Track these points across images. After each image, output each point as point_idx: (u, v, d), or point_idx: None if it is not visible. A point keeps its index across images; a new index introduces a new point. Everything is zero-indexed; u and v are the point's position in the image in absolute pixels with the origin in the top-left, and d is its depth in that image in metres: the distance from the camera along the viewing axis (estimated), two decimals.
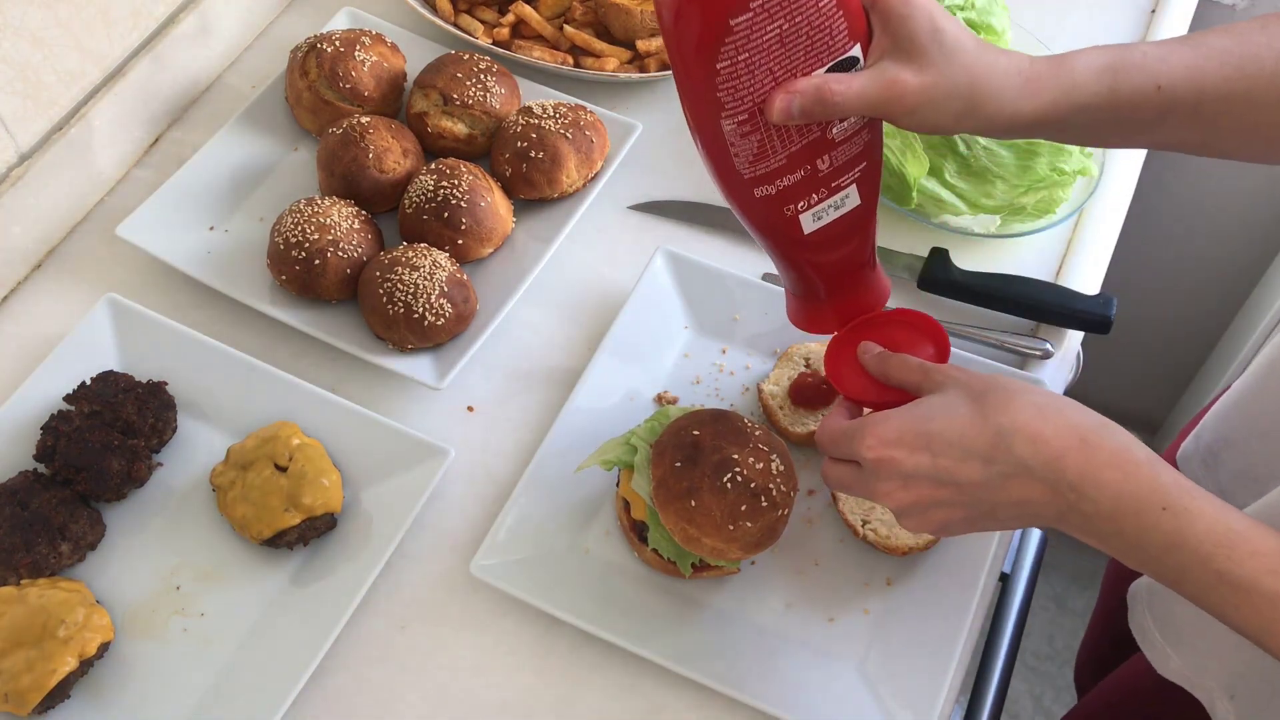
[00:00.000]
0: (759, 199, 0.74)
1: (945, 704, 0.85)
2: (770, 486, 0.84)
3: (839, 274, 0.80)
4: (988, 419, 0.68)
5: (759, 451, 0.85)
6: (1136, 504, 0.65)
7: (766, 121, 0.71)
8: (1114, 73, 0.73)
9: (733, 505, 0.83)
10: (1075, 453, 0.66)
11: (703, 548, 0.84)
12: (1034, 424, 0.67)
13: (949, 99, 0.71)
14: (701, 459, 0.84)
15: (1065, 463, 0.66)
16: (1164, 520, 0.64)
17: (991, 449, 0.68)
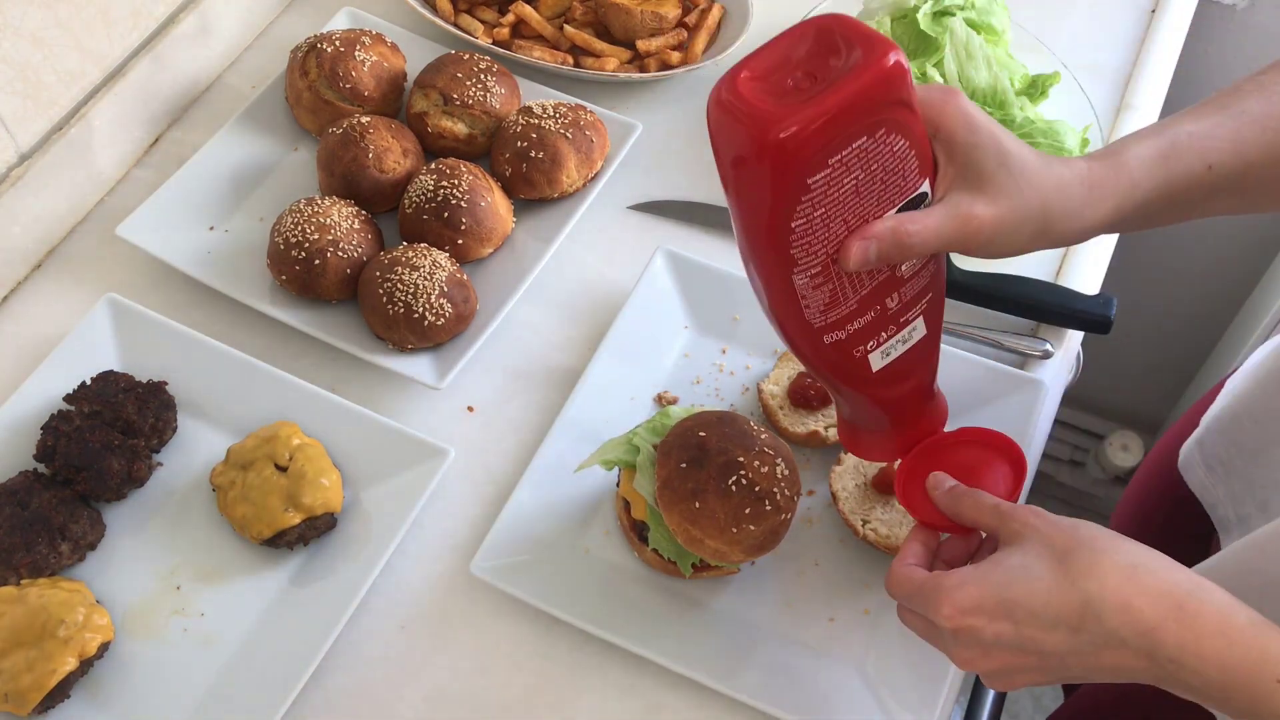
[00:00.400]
0: (829, 345, 0.72)
1: (945, 704, 0.85)
2: (775, 490, 0.84)
3: (904, 405, 0.79)
4: (1074, 584, 0.64)
5: (764, 455, 0.85)
6: (1246, 675, 0.61)
7: (839, 270, 0.68)
8: (1166, 161, 0.72)
9: (737, 508, 0.83)
10: (1173, 623, 0.62)
11: (705, 549, 0.84)
12: (1124, 591, 0.63)
13: (1023, 225, 0.70)
14: (707, 461, 0.84)
15: (1162, 634, 0.62)
16: (1276, 694, 0.61)
17: (1079, 619, 0.64)
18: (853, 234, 0.67)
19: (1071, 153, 1.13)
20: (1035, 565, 0.66)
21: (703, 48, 1.26)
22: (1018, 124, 1.13)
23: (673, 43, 1.26)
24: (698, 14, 1.29)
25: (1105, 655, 0.64)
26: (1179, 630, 0.62)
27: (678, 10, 1.27)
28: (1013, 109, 1.14)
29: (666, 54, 1.25)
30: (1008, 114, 1.14)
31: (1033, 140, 1.12)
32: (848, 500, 0.94)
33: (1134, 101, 1.27)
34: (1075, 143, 1.14)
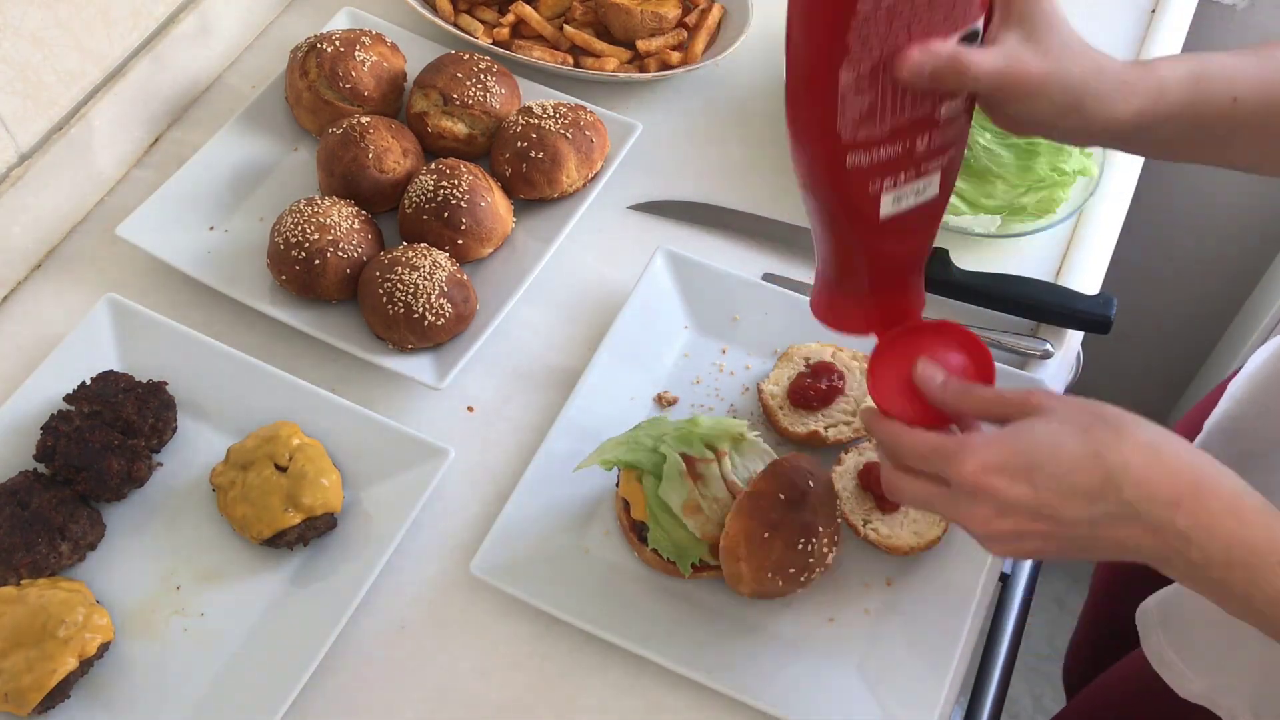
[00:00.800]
0: (849, 168, 0.69)
1: (945, 704, 0.85)
2: (816, 570, 0.87)
3: (893, 271, 0.76)
4: (1098, 456, 0.65)
5: (833, 538, 0.88)
6: (1249, 555, 0.63)
7: (886, 80, 0.66)
8: (1196, 82, 0.72)
9: (786, 564, 0.85)
10: (1189, 500, 0.64)
11: (731, 566, 0.86)
12: (1147, 467, 0.64)
13: (1061, 92, 0.70)
14: (800, 510, 0.85)
15: (1178, 510, 0.64)
16: (1276, 578, 0.62)
17: (1100, 489, 0.65)
18: (914, 43, 0.66)
19: (1070, 155, 1.13)
20: (1061, 434, 0.66)
21: (703, 48, 1.26)
22: None
23: (673, 43, 1.26)
24: (698, 14, 1.29)
25: (1117, 528, 0.65)
26: (1193, 507, 0.63)
27: (678, 10, 1.27)
28: None
29: (666, 54, 1.25)
30: None
31: (1032, 140, 1.12)
32: (848, 500, 0.94)
33: None
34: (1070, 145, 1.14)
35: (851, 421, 0.99)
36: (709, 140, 1.23)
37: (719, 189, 1.19)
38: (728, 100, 1.27)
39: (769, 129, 1.24)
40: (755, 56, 1.28)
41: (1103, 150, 1.19)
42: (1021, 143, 1.12)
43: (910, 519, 0.93)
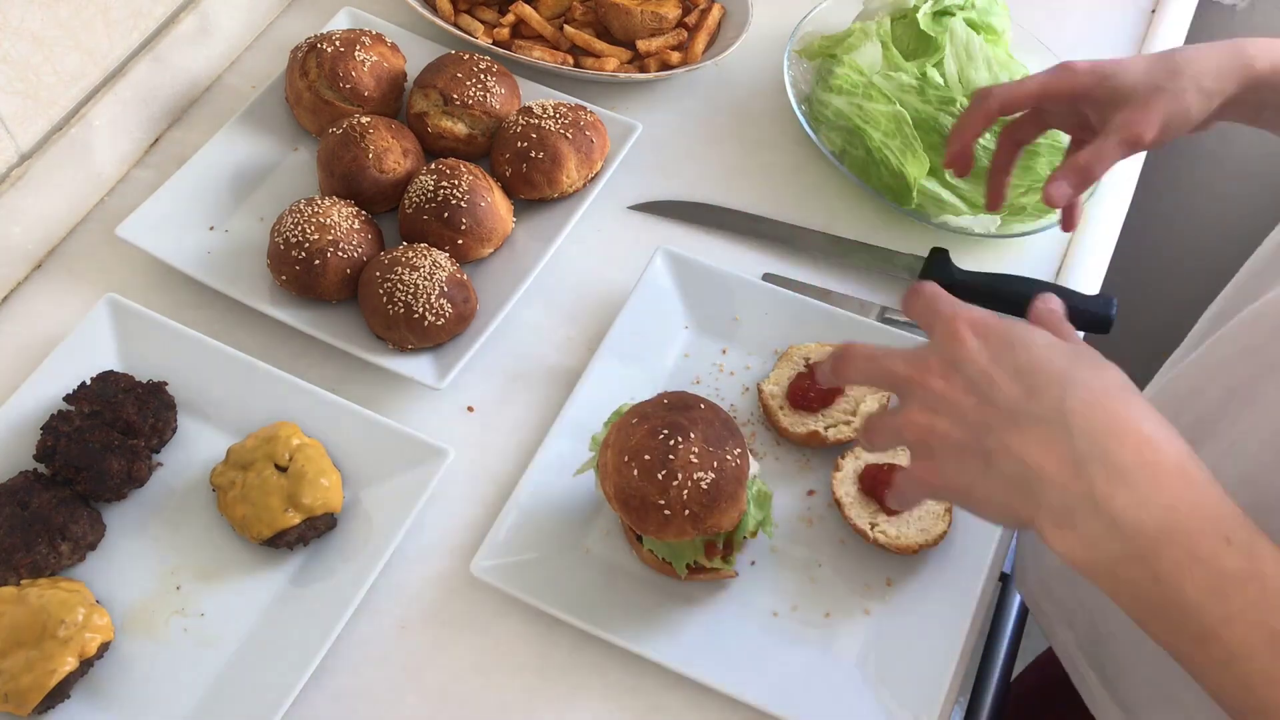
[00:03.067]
0: None
1: (945, 704, 0.85)
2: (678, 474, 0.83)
3: None
4: (1065, 361, 0.60)
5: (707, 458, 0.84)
6: (1195, 523, 0.53)
7: None
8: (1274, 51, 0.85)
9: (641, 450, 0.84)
10: (1134, 438, 0.55)
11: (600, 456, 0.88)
12: (1106, 397, 0.57)
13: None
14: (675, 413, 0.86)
15: (1123, 444, 0.55)
16: (1227, 556, 0.53)
17: (1046, 385, 0.58)
18: None
19: None
20: (1052, 346, 0.62)
21: (703, 48, 1.26)
22: None
23: (673, 43, 1.26)
24: (698, 14, 1.29)
25: (1033, 435, 0.57)
26: (1138, 447, 0.55)
27: (678, 10, 1.27)
28: None
29: (666, 54, 1.25)
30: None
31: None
32: (852, 506, 0.94)
33: None
34: None
35: (851, 421, 0.99)
36: (709, 140, 1.23)
37: (719, 189, 1.19)
38: (728, 100, 1.27)
39: (769, 129, 1.24)
40: (755, 56, 1.28)
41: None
42: None
43: (915, 517, 0.93)
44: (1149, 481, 0.54)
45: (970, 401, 0.60)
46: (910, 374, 0.63)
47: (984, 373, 0.60)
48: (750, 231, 1.15)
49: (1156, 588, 0.54)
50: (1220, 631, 0.53)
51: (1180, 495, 0.54)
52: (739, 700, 0.85)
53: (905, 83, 1.13)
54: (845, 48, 1.19)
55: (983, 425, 0.60)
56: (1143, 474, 0.54)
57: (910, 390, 0.63)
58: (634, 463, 0.84)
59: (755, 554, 0.93)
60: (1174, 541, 0.53)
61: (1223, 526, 0.53)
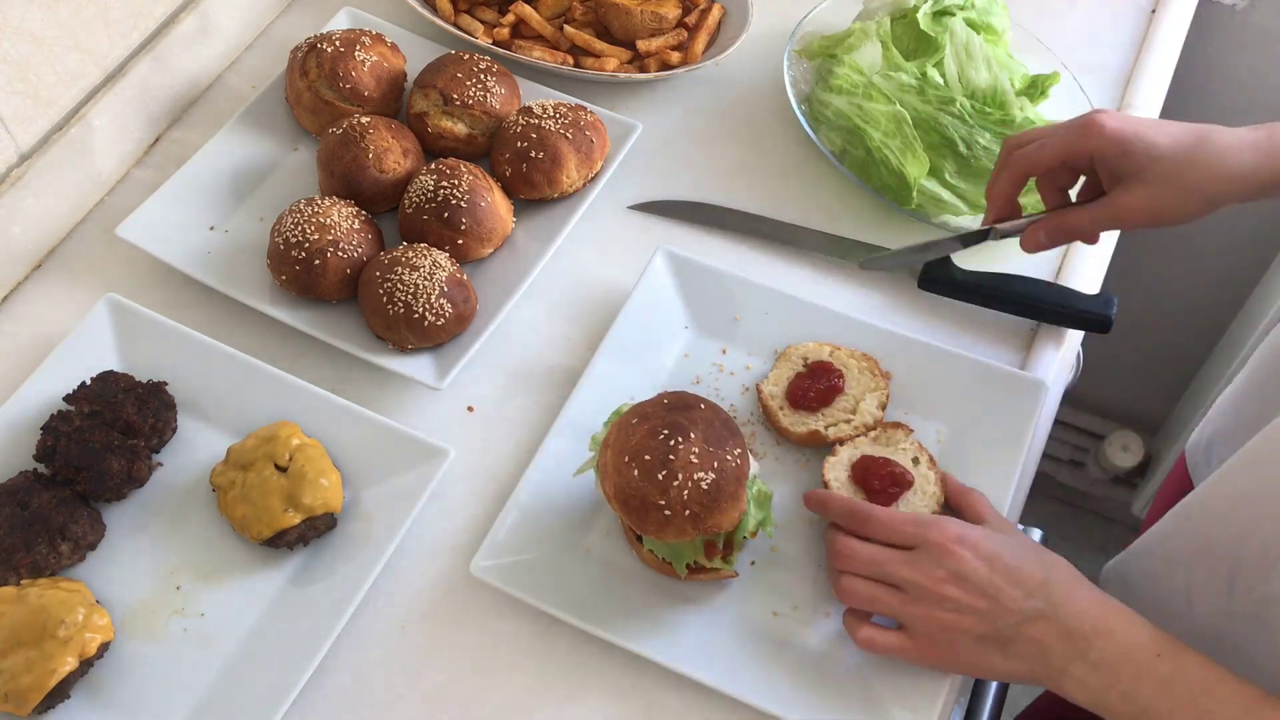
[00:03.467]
0: None
1: (945, 704, 0.85)
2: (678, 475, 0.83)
3: None
4: (1042, 563, 0.82)
5: (707, 459, 0.84)
6: (1138, 650, 0.77)
7: None
8: None
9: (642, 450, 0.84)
10: (1097, 609, 0.79)
11: (600, 456, 0.89)
12: (1071, 585, 0.81)
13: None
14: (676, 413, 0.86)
15: (1088, 616, 0.78)
16: (1159, 666, 0.75)
17: (1038, 586, 0.80)
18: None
19: None
20: (1016, 543, 0.84)
21: (703, 48, 1.26)
22: (1017, 124, 1.13)
23: (673, 43, 1.26)
24: (698, 14, 1.29)
25: (1038, 625, 0.79)
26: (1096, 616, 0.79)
27: (678, 10, 1.27)
28: (1013, 109, 1.14)
29: (666, 54, 1.25)
30: (1007, 114, 1.14)
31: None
32: (842, 489, 0.93)
33: (1134, 101, 1.27)
34: None
35: (852, 419, 0.99)
36: (709, 140, 1.23)
37: (719, 189, 1.19)
38: (728, 100, 1.27)
39: (769, 129, 1.24)
40: (755, 56, 1.28)
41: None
42: None
43: (906, 505, 0.93)
44: (1104, 635, 0.78)
45: (983, 604, 0.80)
46: (920, 580, 0.82)
47: (989, 582, 0.81)
48: (750, 231, 1.15)
49: (1126, 701, 0.77)
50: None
51: (1124, 635, 0.78)
52: (739, 700, 0.85)
53: (905, 83, 1.13)
54: (845, 48, 1.19)
55: (996, 623, 0.80)
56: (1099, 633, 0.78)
57: (921, 593, 0.82)
58: (634, 463, 0.84)
59: (755, 554, 0.93)
60: (1124, 667, 0.77)
61: (1154, 647, 0.77)
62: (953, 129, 1.12)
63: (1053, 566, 0.82)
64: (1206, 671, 0.75)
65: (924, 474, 0.94)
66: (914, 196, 1.12)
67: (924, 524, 0.84)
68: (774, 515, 0.93)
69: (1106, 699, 0.77)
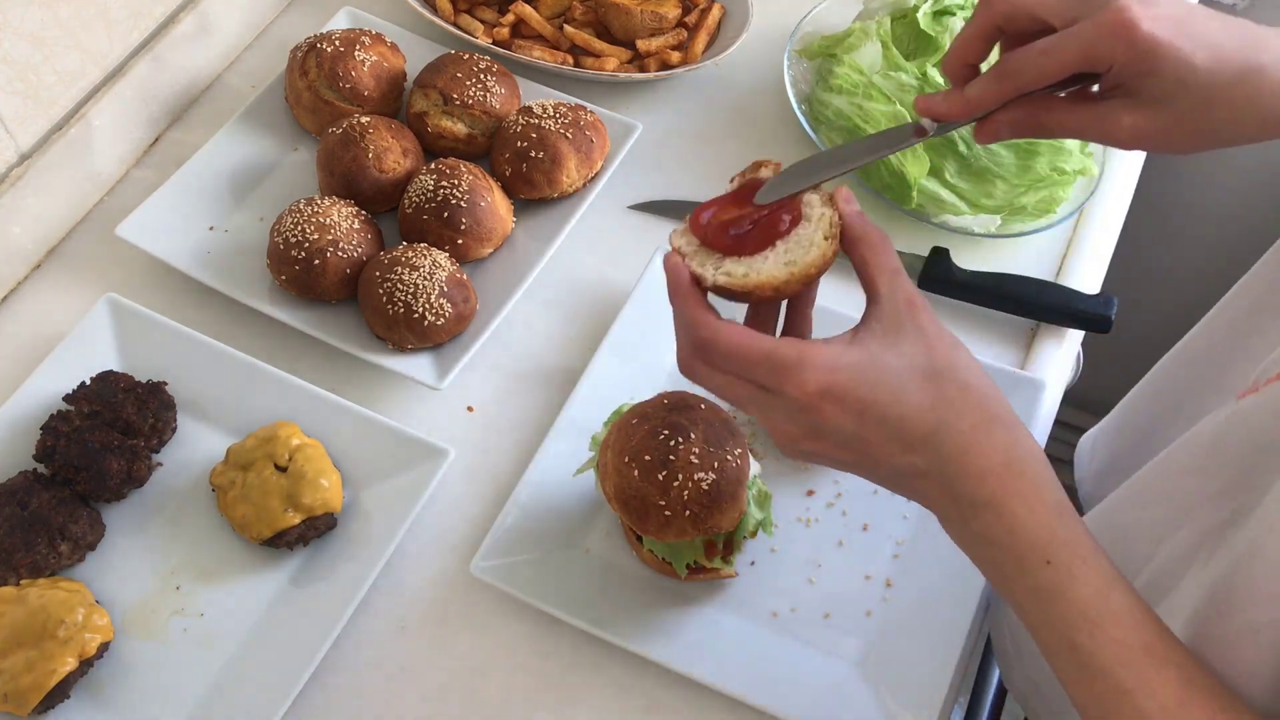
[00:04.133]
0: None
1: (945, 704, 0.85)
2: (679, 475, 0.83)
3: None
4: (934, 411, 0.63)
5: (707, 459, 0.84)
6: (1027, 546, 0.63)
7: None
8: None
9: (643, 450, 0.84)
10: (995, 475, 0.63)
11: (600, 457, 0.88)
12: (973, 433, 0.64)
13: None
14: (676, 413, 0.86)
15: (984, 482, 0.63)
16: (1043, 573, 0.63)
17: (921, 442, 0.63)
18: None
19: (1070, 154, 1.13)
20: (907, 378, 0.64)
21: (703, 48, 1.26)
22: None
23: (673, 42, 1.26)
24: (698, 14, 1.29)
25: (917, 480, 0.65)
26: (997, 484, 0.63)
27: (678, 10, 1.27)
28: None
29: (666, 54, 1.25)
30: None
31: (1032, 141, 1.12)
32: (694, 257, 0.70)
33: None
34: (1075, 142, 1.14)
35: None
36: (709, 140, 1.23)
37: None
38: (728, 100, 1.27)
39: (769, 129, 1.24)
40: (755, 56, 1.28)
41: (1103, 150, 1.19)
42: (1021, 142, 1.12)
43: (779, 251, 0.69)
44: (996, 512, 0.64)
45: (844, 455, 0.65)
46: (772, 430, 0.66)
47: (855, 438, 0.64)
48: None
49: (1002, 583, 0.65)
50: (1035, 632, 0.65)
51: (1018, 522, 0.63)
52: (739, 700, 0.85)
53: (905, 83, 1.13)
54: (845, 48, 1.19)
55: (864, 470, 0.66)
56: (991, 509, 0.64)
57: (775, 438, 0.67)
58: (634, 463, 0.84)
59: (755, 554, 0.93)
60: (1007, 555, 0.64)
61: (1045, 552, 0.63)
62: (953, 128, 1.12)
63: (947, 407, 0.64)
64: (1095, 601, 0.62)
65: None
66: (914, 196, 1.12)
67: (780, 369, 0.63)
68: (774, 515, 0.93)
69: (984, 569, 0.67)
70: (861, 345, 0.64)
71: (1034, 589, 0.63)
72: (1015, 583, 0.64)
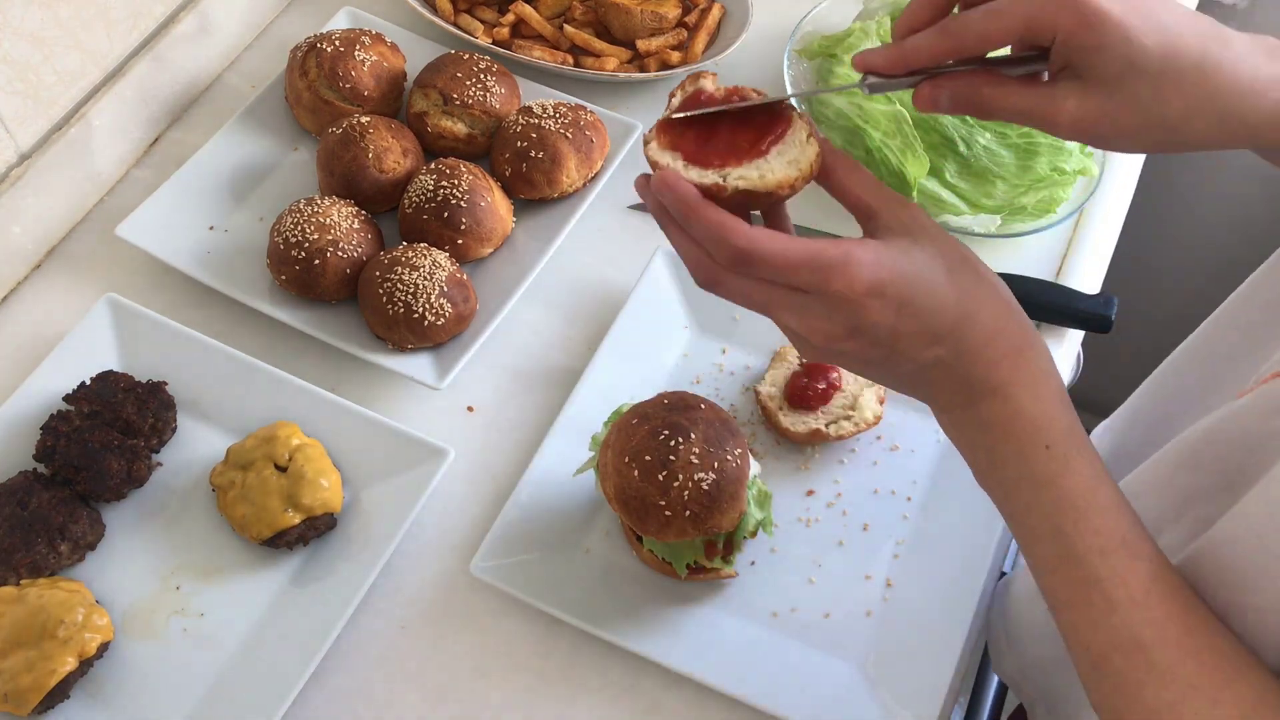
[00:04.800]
0: None
1: (945, 704, 0.85)
2: (679, 475, 0.83)
3: None
4: (959, 304, 0.64)
5: (707, 458, 0.84)
6: (1030, 432, 0.64)
7: None
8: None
9: (643, 451, 0.84)
10: (1009, 361, 0.65)
11: (599, 457, 0.88)
12: (994, 322, 0.65)
13: None
14: (676, 413, 0.86)
15: (996, 369, 0.65)
16: (1039, 458, 0.64)
17: (949, 332, 0.64)
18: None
19: (1070, 154, 1.13)
20: (935, 270, 0.64)
21: (703, 48, 1.26)
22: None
23: (673, 42, 1.26)
24: (698, 14, 1.29)
25: (936, 371, 0.66)
26: (1009, 370, 0.65)
27: (678, 10, 1.27)
28: None
29: (666, 54, 1.25)
30: None
31: (1032, 140, 1.12)
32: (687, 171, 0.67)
33: None
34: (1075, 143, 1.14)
35: (852, 416, 0.98)
36: None
37: None
38: None
39: None
40: (755, 56, 1.28)
41: (1103, 150, 1.19)
42: (1021, 143, 1.12)
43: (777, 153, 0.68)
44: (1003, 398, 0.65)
45: (874, 352, 0.65)
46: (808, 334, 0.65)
47: (889, 333, 0.64)
48: None
49: (996, 470, 0.67)
50: (1018, 517, 0.66)
51: (1022, 407, 0.65)
52: (739, 700, 0.85)
53: None
54: (845, 47, 1.19)
55: (886, 368, 0.67)
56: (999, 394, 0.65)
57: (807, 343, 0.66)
58: (634, 463, 0.84)
59: (755, 554, 0.93)
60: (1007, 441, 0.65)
61: (1045, 437, 0.64)
62: (952, 129, 1.12)
63: (970, 297, 0.64)
64: (1084, 491, 0.63)
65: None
66: (914, 196, 1.12)
67: (826, 268, 0.61)
68: (774, 515, 0.93)
69: (976, 459, 0.67)
70: (892, 243, 0.64)
71: (1028, 474, 0.65)
72: (1010, 467, 0.65)
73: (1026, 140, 1.12)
